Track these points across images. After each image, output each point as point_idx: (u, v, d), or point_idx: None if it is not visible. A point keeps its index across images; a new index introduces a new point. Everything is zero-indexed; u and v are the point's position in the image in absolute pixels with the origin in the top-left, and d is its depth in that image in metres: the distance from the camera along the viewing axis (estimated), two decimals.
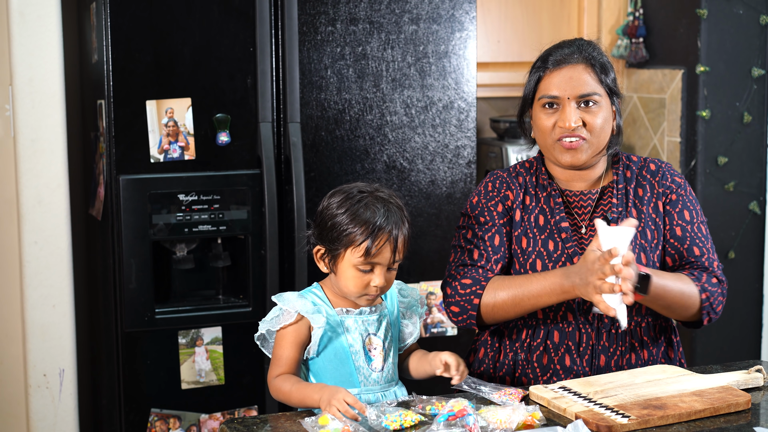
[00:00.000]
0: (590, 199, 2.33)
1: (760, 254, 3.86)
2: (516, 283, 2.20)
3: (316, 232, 2.10)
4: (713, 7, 3.66)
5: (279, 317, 2.07)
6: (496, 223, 2.31)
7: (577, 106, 2.25)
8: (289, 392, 2.02)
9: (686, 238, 2.31)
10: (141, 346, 3.01)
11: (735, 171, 3.77)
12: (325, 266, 2.11)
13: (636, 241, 2.28)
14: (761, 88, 3.75)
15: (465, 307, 2.24)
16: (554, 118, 2.26)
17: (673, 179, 2.36)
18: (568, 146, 2.25)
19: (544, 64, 2.29)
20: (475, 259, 2.28)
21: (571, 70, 2.26)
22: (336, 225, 2.04)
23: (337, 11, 3.09)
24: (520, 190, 2.34)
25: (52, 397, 3.17)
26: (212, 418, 3.07)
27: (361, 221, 2.03)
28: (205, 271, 3.17)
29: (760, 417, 1.96)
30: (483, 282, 2.23)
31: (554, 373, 2.25)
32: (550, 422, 1.93)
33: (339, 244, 2.04)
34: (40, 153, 3.09)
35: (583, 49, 2.28)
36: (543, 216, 2.31)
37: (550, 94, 2.26)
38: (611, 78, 2.29)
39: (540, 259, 2.26)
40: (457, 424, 1.83)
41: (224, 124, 3.01)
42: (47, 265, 3.13)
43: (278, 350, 2.08)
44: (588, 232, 2.30)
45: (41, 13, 3.05)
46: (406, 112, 3.19)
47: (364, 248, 2.02)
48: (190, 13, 2.95)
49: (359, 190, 2.08)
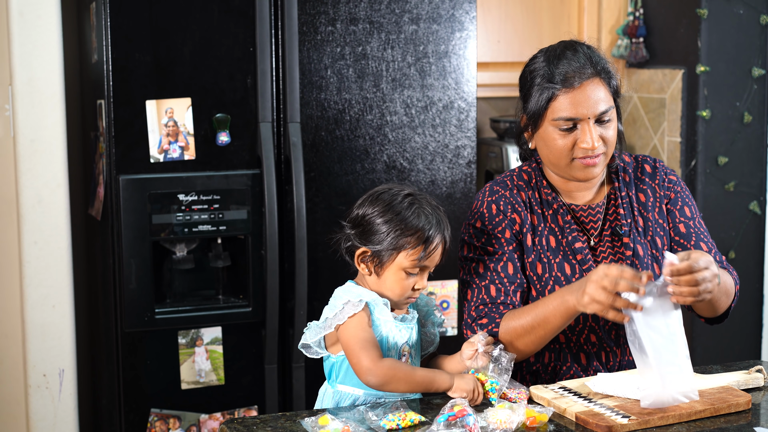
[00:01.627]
0: (599, 212, 2.27)
1: (760, 254, 3.86)
2: (525, 311, 2.14)
3: (358, 235, 2.06)
4: (713, 7, 3.66)
5: (350, 304, 2.02)
6: (506, 251, 2.22)
7: (595, 122, 2.16)
8: (411, 373, 1.99)
9: (691, 235, 2.28)
10: (141, 346, 3.00)
11: (735, 171, 3.76)
12: (367, 268, 2.08)
13: (648, 251, 2.25)
14: (761, 88, 3.75)
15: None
16: (572, 138, 2.16)
17: (669, 178, 2.33)
18: (591, 164, 2.17)
19: (552, 80, 2.15)
20: (494, 296, 2.20)
21: (587, 88, 2.14)
22: (388, 230, 2.03)
23: (337, 11, 3.09)
24: (526, 210, 2.25)
25: (51, 397, 3.17)
26: (212, 418, 3.07)
27: (415, 227, 2.03)
28: (204, 271, 3.16)
29: (761, 417, 1.96)
30: (498, 319, 2.16)
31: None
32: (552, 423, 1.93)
33: (391, 248, 2.03)
34: (39, 153, 3.09)
35: (591, 60, 2.17)
36: (554, 237, 2.24)
37: (568, 116, 2.14)
38: (615, 84, 2.21)
39: (558, 284, 2.19)
40: (457, 424, 1.83)
41: (224, 124, 3.01)
42: (47, 265, 3.13)
43: (362, 334, 2.00)
44: (598, 247, 2.25)
45: (41, 13, 3.05)
46: (406, 112, 3.19)
47: (419, 253, 2.02)
48: (190, 13, 2.95)
49: (408, 193, 2.07)
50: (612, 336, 2.22)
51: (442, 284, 3.25)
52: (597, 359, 2.22)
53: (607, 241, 2.26)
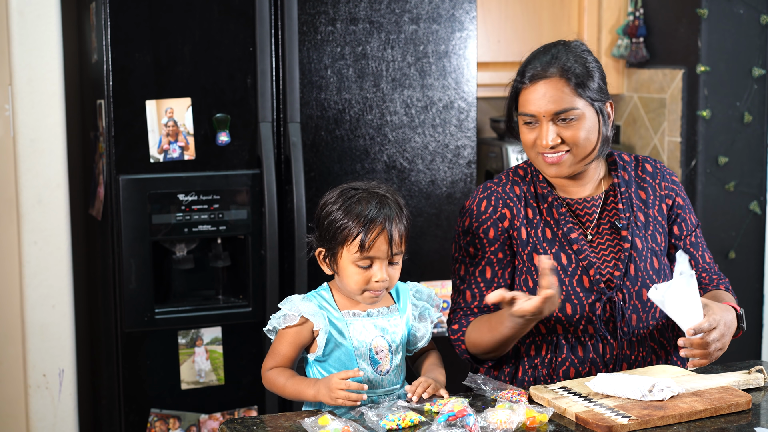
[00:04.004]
0: (594, 206, 2.30)
1: (761, 254, 3.86)
2: (482, 322, 2.21)
3: (317, 235, 2.11)
4: (714, 7, 3.66)
5: (284, 317, 2.08)
6: (486, 253, 2.26)
7: (554, 122, 2.19)
8: (283, 386, 2.06)
9: (699, 245, 2.34)
10: (141, 346, 3.00)
11: (735, 171, 3.76)
12: (328, 268, 2.10)
13: (648, 245, 2.27)
14: (762, 87, 3.75)
15: (461, 348, 2.27)
16: (535, 134, 2.22)
17: (672, 180, 2.36)
18: (550, 161, 2.22)
19: (521, 76, 2.22)
20: (468, 301, 2.27)
21: (544, 86, 2.18)
22: (331, 223, 2.04)
23: (337, 11, 3.09)
24: (519, 204, 2.28)
25: (51, 397, 3.17)
26: (212, 419, 3.07)
27: (354, 215, 2.02)
28: (204, 271, 3.16)
29: (761, 417, 1.96)
30: (464, 327, 2.25)
31: None
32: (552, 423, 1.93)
33: (335, 243, 2.04)
34: (39, 153, 3.09)
35: (559, 59, 2.19)
36: (549, 229, 2.26)
37: (526, 112, 2.21)
38: (595, 85, 2.21)
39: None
40: (457, 424, 1.83)
41: (224, 123, 3.01)
42: (47, 265, 3.13)
43: (277, 346, 2.10)
44: (595, 239, 2.27)
45: (41, 12, 3.05)
46: (406, 112, 3.19)
47: (359, 242, 2.02)
48: (190, 13, 2.95)
49: (353, 187, 2.09)
50: (609, 328, 2.23)
51: (442, 284, 3.25)
52: (594, 351, 2.23)
53: (606, 235, 2.28)
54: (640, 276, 2.24)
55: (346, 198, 2.06)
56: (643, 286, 2.24)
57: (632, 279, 2.24)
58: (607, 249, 2.26)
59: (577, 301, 2.21)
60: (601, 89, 2.23)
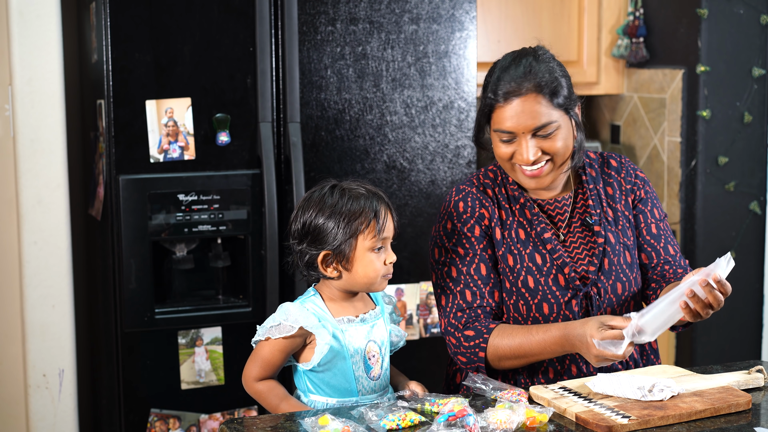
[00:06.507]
0: (565, 205, 2.31)
1: (761, 254, 3.86)
2: (518, 335, 2.16)
3: (310, 243, 2.07)
4: (714, 7, 3.66)
5: (279, 327, 2.05)
6: (477, 251, 2.25)
7: (533, 136, 2.18)
8: (275, 408, 2.06)
9: (661, 237, 2.33)
10: (141, 347, 3.00)
11: (735, 171, 3.76)
12: (335, 269, 2.07)
13: (619, 239, 2.29)
14: (762, 87, 3.75)
15: (472, 359, 2.20)
16: (512, 149, 2.21)
17: (637, 174, 2.37)
18: (530, 174, 2.21)
19: (494, 93, 2.18)
20: (469, 300, 2.23)
21: (521, 103, 2.16)
22: (336, 224, 2.04)
23: (337, 11, 3.09)
24: (493, 206, 2.28)
25: (51, 397, 3.17)
26: (212, 419, 3.07)
27: (359, 208, 2.04)
28: (204, 271, 3.16)
29: (761, 417, 1.96)
30: (486, 334, 2.18)
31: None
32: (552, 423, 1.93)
33: (347, 237, 2.04)
34: (39, 153, 3.09)
35: (533, 74, 2.17)
36: (522, 229, 2.27)
37: (503, 129, 2.19)
38: (563, 95, 2.19)
39: (530, 274, 2.23)
40: (457, 424, 1.83)
41: (224, 123, 3.01)
42: (47, 265, 3.13)
43: (265, 353, 2.07)
44: (568, 238, 2.28)
45: (41, 12, 3.05)
46: (406, 112, 3.19)
47: (375, 228, 2.04)
48: (190, 13, 2.95)
49: (330, 188, 2.09)
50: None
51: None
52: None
53: (578, 233, 2.29)
54: (614, 270, 2.26)
55: (338, 197, 2.06)
56: (617, 281, 2.25)
57: (606, 273, 2.25)
58: (579, 247, 2.28)
59: (554, 300, 2.23)
60: (570, 95, 2.22)
